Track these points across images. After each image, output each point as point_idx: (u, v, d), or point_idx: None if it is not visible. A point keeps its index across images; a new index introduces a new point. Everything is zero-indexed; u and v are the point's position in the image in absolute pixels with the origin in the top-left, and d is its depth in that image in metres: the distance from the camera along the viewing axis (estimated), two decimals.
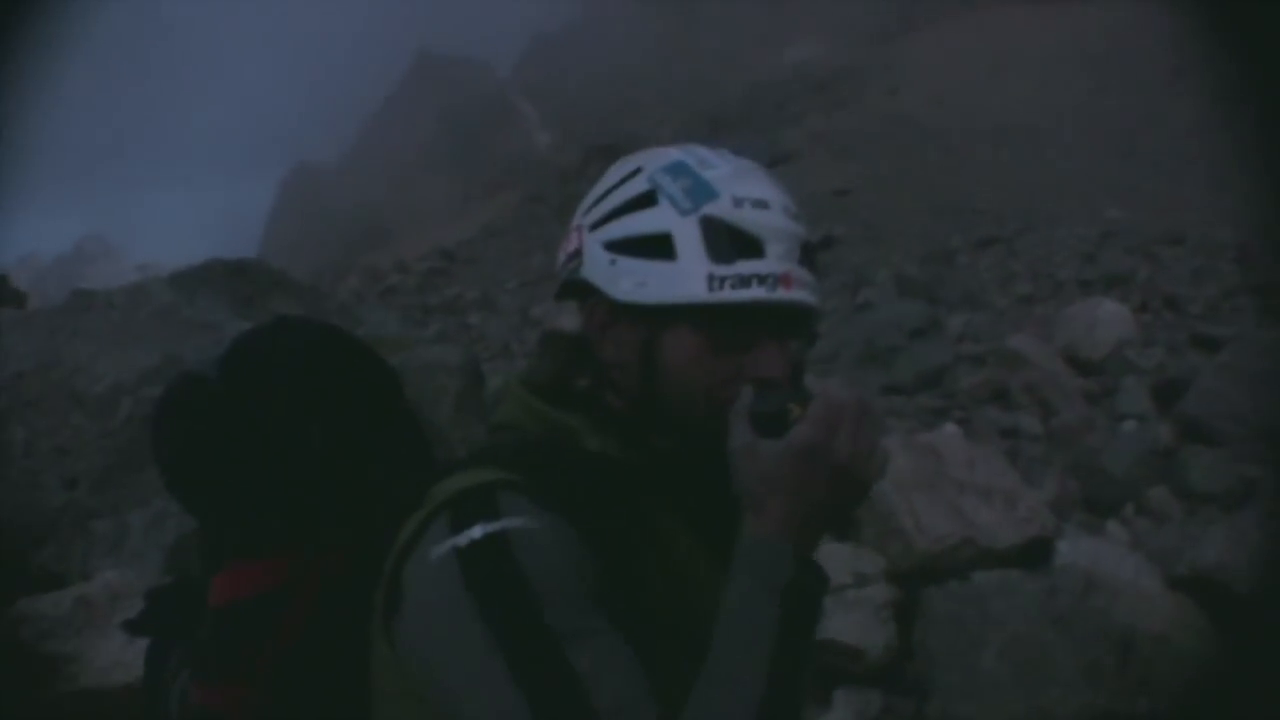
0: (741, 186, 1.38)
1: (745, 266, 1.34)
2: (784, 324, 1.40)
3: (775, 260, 1.36)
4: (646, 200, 1.40)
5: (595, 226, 1.44)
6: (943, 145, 33.61)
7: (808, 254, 1.40)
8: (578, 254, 1.45)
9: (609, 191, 1.45)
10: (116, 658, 4.10)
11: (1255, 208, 21.10)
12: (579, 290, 1.47)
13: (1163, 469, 8.20)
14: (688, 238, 1.35)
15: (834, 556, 5.27)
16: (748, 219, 1.36)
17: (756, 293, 1.34)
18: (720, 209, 1.36)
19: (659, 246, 1.36)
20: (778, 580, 1.25)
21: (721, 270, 1.34)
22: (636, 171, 1.44)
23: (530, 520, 1.28)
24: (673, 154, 1.45)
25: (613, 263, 1.40)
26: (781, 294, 1.35)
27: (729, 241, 1.34)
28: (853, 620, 5.22)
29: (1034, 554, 5.83)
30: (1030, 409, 10.33)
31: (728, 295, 1.33)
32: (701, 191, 1.37)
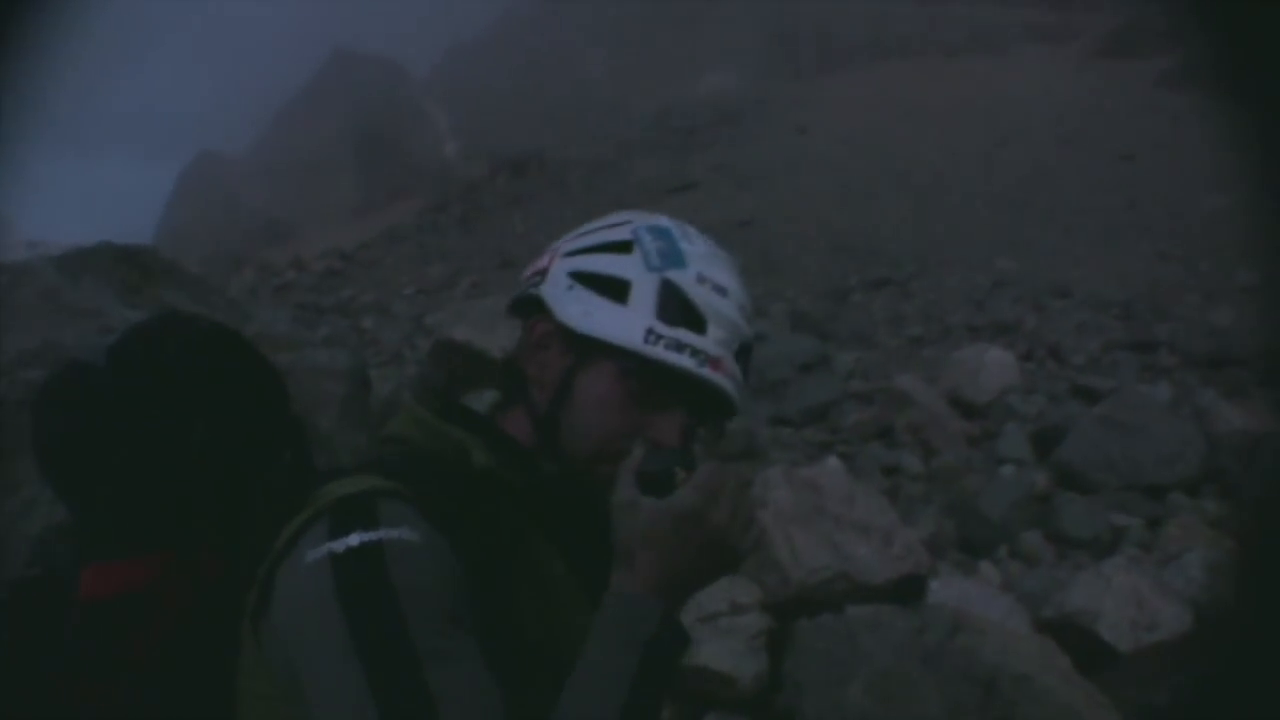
0: (710, 269, 1.46)
1: (684, 335, 1.41)
2: (698, 403, 1.46)
3: (713, 342, 1.43)
4: (623, 248, 1.47)
5: (569, 254, 1.51)
6: (845, 186, 34.14)
7: (744, 353, 1.48)
8: (543, 272, 1.52)
9: (593, 230, 1.53)
10: None
11: (1142, 265, 21.89)
12: (529, 306, 1.53)
13: (1037, 513, 8.42)
14: (644, 291, 1.42)
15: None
16: (702, 297, 1.43)
17: (685, 361, 1.41)
18: (682, 279, 1.43)
19: (616, 289, 1.43)
20: (639, 635, 1.29)
21: (661, 329, 1.41)
22: (626, 223, 1.51)
23: (407, 532, 1.29)
24: (663, 220, 1.53)
25: (570, 288, 1.47)
26: (706, 373, 1.42)
27: (679, 309, 1.42)
28: (726, 647, 5.25)
29: (907, 591, 5.92)
30: (913, 448, 10.54)
31: (658, 353, 1.40)
32: (673, 258, 1.45)
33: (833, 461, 8.77)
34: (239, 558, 1.44)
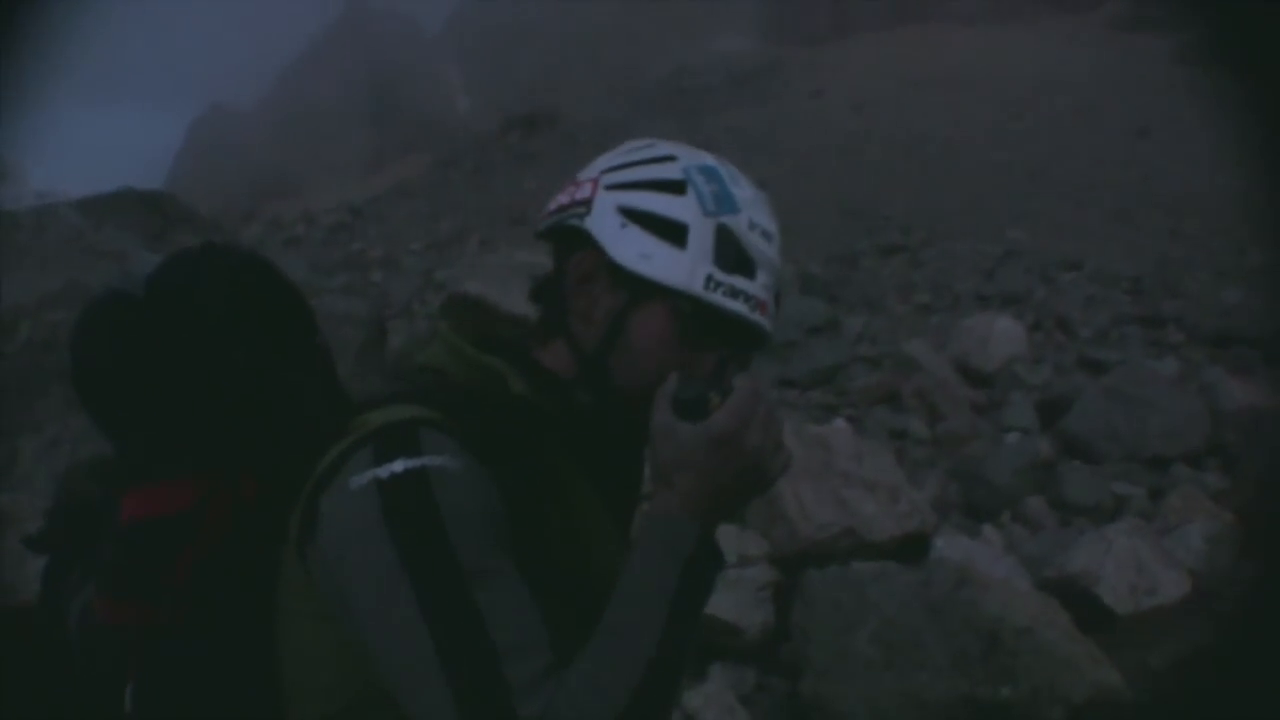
0: (758, 214, 1.49)
1: (739, 281, 1.44)
2: (741, 341, 1.50)
3: (761, 287, 1.47)
4: (676, 187, 1.47)
5: (615, 188, 1.49)
6: (858, 151, 34.06)
7: (778, 294, 1.52)
8: (586, 203, 1.49)
9: (639, 163, 1.51)
10: (5, 579, 4.02)
11: (1154, 241, 21.86)
12: (566, 235, 1.52)
13: (1041, 480, 8.47)
14: (702, 236, 1.44)
15: (720, 536, 5.36)
16: (753, 243, 1.47)
17: (739, 307, 1.44)
18: (736, 224, 1.46)
19: (673, 231, 1.44)
20: (680, 552, 1.34)
21: (720, 276, 1.43)
22: (672, 158, 1.50)
23: (449, 460, 1.32)
24: (708, 158, 1.53)
25: (623, 226, 1.46)
26: (756, 317, 1.47)
27: (734, 255, 1.45)
28: (733, 598, 5.34)
29: (911, 549, 6.01)
30: (919, 413, 10.57)
31: (716, 299, 1.43)
32: (727, 202, 1.46)
33: (840, 422, 8.84)
34: (276, 481, 1.49)
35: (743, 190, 1.49)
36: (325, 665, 1.41)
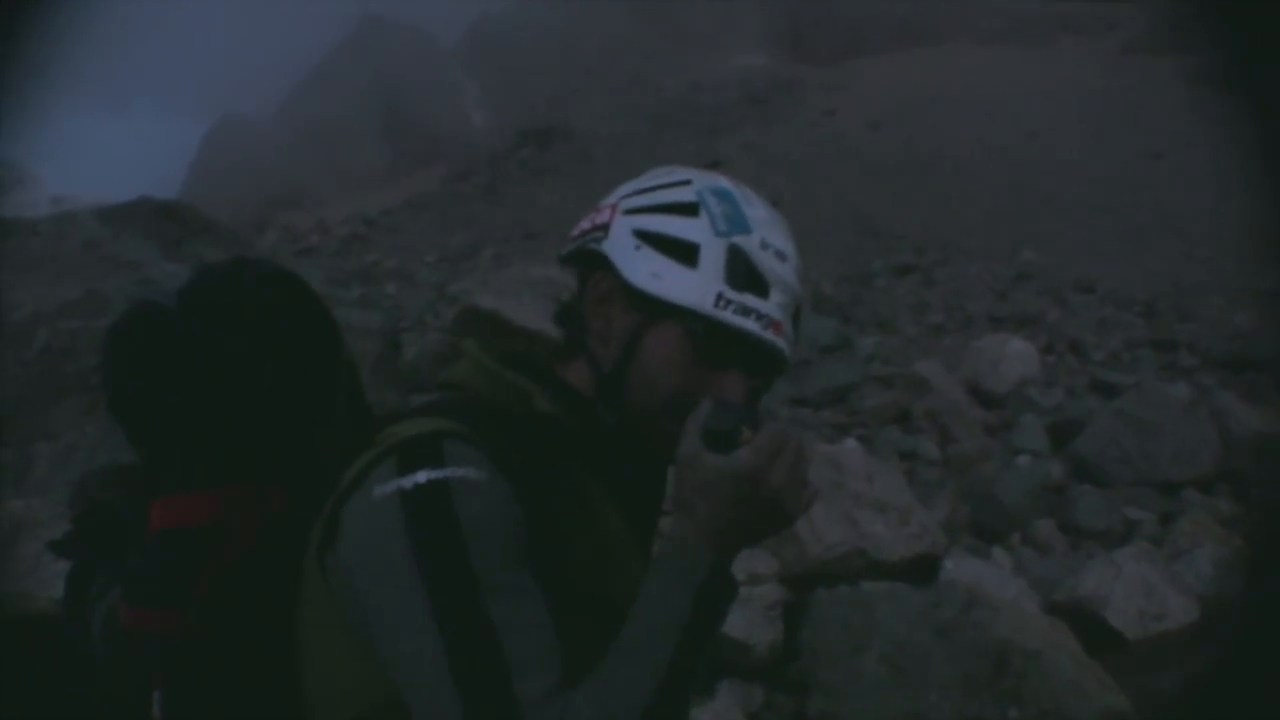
0: (771, 234, 1.51)
1: (750, 300, 1.46)
2: (757, 362, 1.51)
3: (774, 306, 1.48)
4: (689, 210, 1.50)
5: (631, 212, 1.53)
6: (873, 170, 34.05)
7: (796, 315, 1.54)
8: (604, 228, 1.54)
9: (655, 188, 1.55)
10: (20, 586, 4.05)
11: (1167, 265, 21.82)
12: (586, 259, 1.56)
13: (1051, 503, 8.47)
14: (713, 255, 1.47)
15: None
16: (766, 263, 1.48)
17: (751, 325, 1.46)
18: (748, 244, 1.48)
19: (685, 252, 1.47)
20: (695, 580, 1.35)
21: (730, 294, 1.45)
22: (687, 182, 1.54)
23: (472, 472, 1.34)
24: (722, 181, 1.56)
25: (637, 248, 1.49)
26: (770, 336, 1.48)
27: (745, 274, 1.47)
28: (743, 616, 5.36)
29: (921, 570, 6.03)
30: (930, 434, 10.56)
31: (728, 317, 1.45)
32: (739, 223, 1.49)
33: (851, 442, 8.84)
34: (302, 493, 1.51)
35: (756, 211, 1.52)
36: (344, 674, 1.43)
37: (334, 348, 1.71)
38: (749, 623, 5.36)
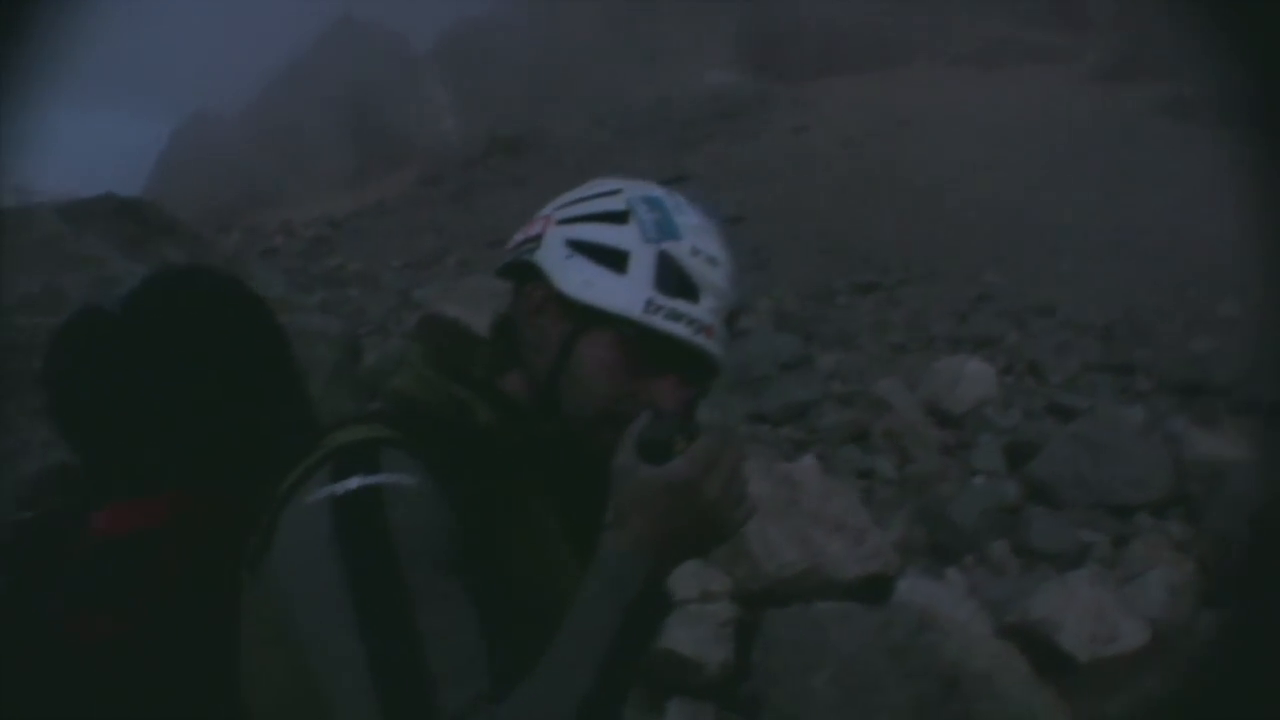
0: (702, 240, 1.52)
1: (681, 305, 1.47)
2: (691, 368, 1.52)
3: (706, 311, 1.49)
4: (619, 218, 1.51)
5: (563, 222, 1.54)
6: (840, 188, 34.21)
7: (731, 319, 1.54)
8: (537, 239, 1.55)
9: (587, 198, 1.56)
10: None
11: (1126, 290, 22.04)
12: (521, 271, 1.57)
13: (1006, 524, 8.50)
14: (642, 262, 1.48)
15: (683, 570, 5.36)
16: (697, 269, 1.49)
17: (682, 330, 1.47)
18: (678, 250, 1.49)
19: (615, 259, 1.48)
20: (626, 593, 1.34)
21: (660, 300, 1.47)
22: (618, 191, 1.55)
23: (406, 478, 1.34)
24: (655, 190, 1.57)
25: (569, 257, 1.51)
26: (701, 340, 1.49)
27: (675, 280, 1.48)
28: (694, 634, 5.34)
29: (875, 590, 6.02)
30: (888, 453, 10.59)
31: (658, 322, 1.46)
32: (669, 229, 1.50)
33: (809, 459, 8.85)
34: (244, 502, 1.49)
35: (687, 218, 1.53)
36: (282, 687, 1.41)
37: (280, 357, 1.70)
38: (700, 641, 5.34)
